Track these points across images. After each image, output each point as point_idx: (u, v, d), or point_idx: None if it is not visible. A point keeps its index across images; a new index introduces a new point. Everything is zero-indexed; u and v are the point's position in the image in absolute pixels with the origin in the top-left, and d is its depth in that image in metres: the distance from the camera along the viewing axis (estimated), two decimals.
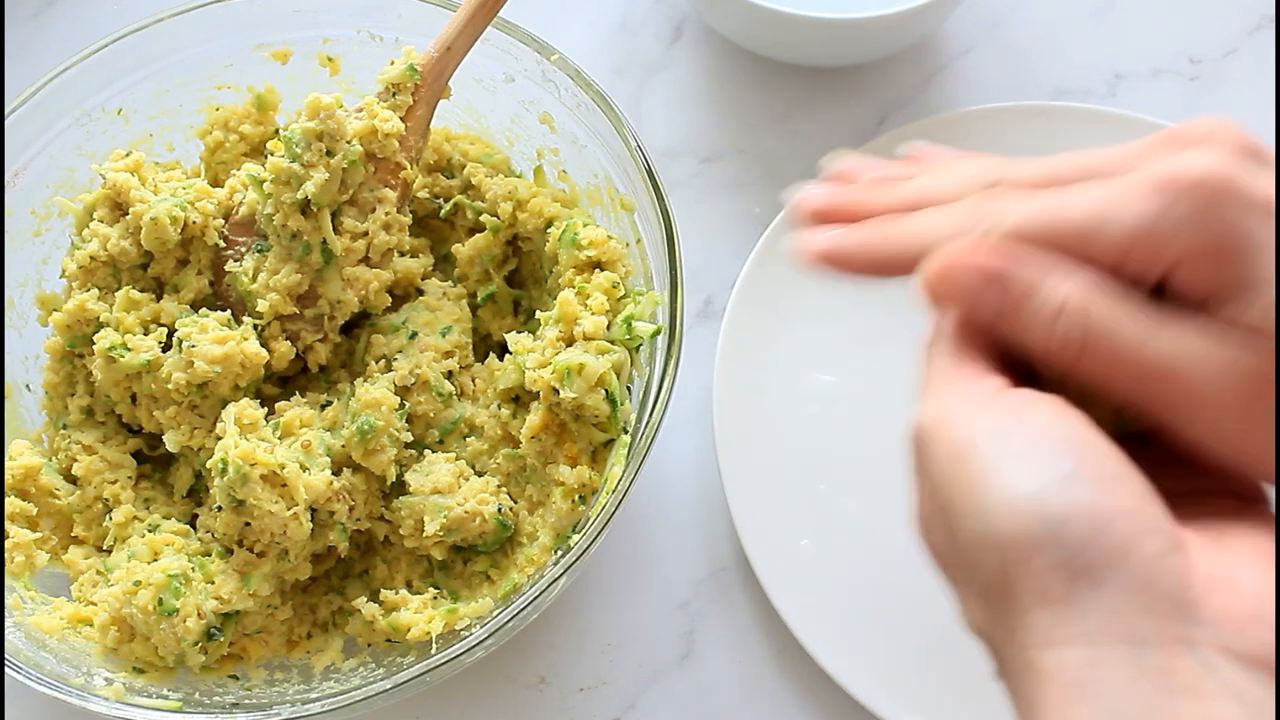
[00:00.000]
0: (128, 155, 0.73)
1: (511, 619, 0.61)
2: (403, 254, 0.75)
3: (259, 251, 0.70)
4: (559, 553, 0.66)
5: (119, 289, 0.71)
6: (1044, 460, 0.37)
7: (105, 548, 0.70)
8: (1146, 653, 0.34)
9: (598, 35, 0.93)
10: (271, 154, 0.70)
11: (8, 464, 0.70)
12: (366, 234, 0.70)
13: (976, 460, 0.37)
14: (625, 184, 0.72)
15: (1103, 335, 0.39)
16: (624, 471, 0.64)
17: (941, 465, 0.38)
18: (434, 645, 0.65)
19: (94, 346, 0.69)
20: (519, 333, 0.71)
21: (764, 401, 0.78)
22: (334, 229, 0.69)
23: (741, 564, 0.76)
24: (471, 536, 0.68)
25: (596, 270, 0.70)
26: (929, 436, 0.39)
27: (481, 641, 0.61)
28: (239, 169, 0.74)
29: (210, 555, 0.67)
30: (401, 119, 0.69)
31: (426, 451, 0.70)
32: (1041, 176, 0.43)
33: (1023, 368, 0.43)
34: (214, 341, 0.68)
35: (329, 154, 0.67)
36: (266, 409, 0.69)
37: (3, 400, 0.74)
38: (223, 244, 0.71)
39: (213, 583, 0.65)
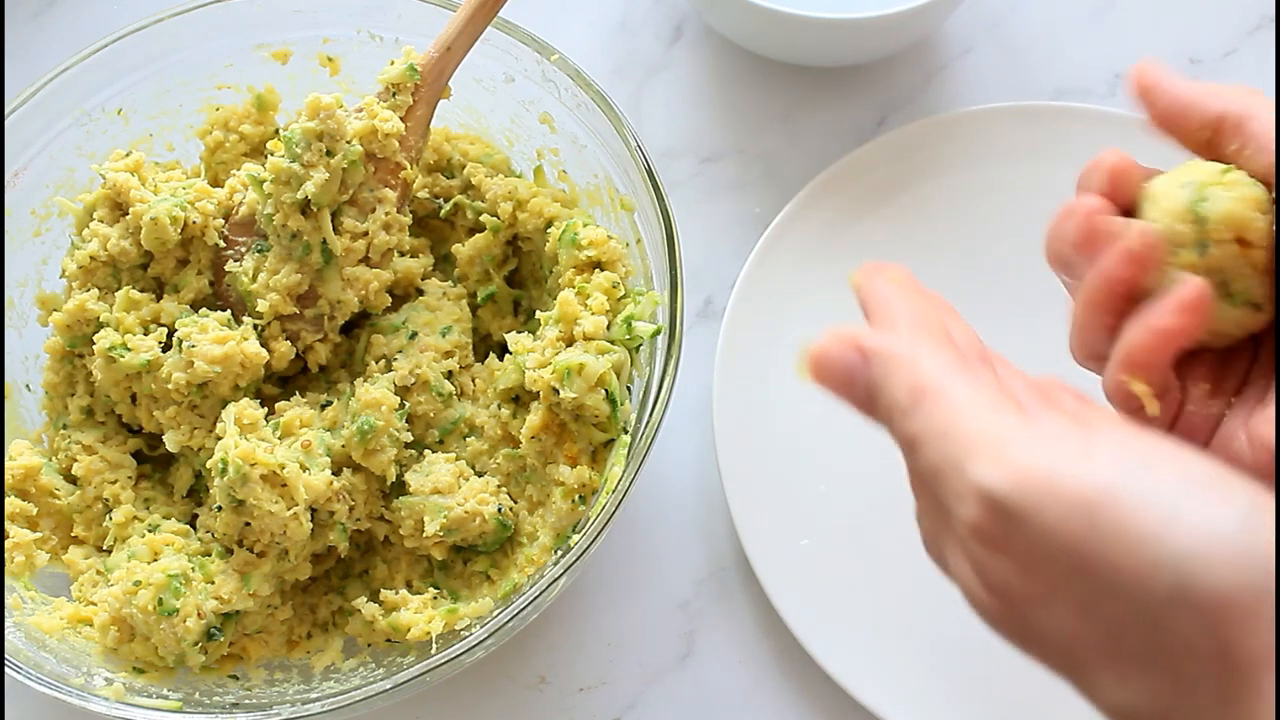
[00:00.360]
0: (128, 155, 0.73)
1: (511, 619, 0.61)
2: (403, 254, 0.75)
3: (259, 251, 0.70)
4: (559, 553, 0.66)
5: (119, 289, 0.71)
6: (1224, 496, 0.31)
7: (105, 548, 0.70)
8: None
9: (598, 35, 0.93)
10: (271, 154, 0.70)
11: (8, 464, 0.70)
12: (366, 234, 0.70)
13: (1131, 509, 0.31)
14: (625, 184, 0.72)
15: None
16: (624, 471, 0.64)
17: (1062, 526, 0.32)
18: (434, 645, 0.65)
19: (94, 346, 0.69)
20: (519, 333, 0.71)
21: (764, 401, 0.78)
22: (334, 229, 0.69)
23: (741, 564, 0.76)
24: (471, 536, 0.68)
25: (596, 270, 0.70)
26: (1027, 498, 0.32)
27: (481, 641, 0.61)
28: (239, 169, 0.74)
29: (210, 555, 0.67)
30: (401, 119, 0.69)
31: (426, 451, 0.70)
32: None
33: None
34: (214, 341, 0.68)
35: (329, 154, 0.67)
36: (266, 409, 0.69)
37: (3, 400, 0.74)
38: (223, 244, 0.71)
39: (213, 583, 0.65)
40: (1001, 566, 0.34)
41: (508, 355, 0.71)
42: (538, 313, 0.72)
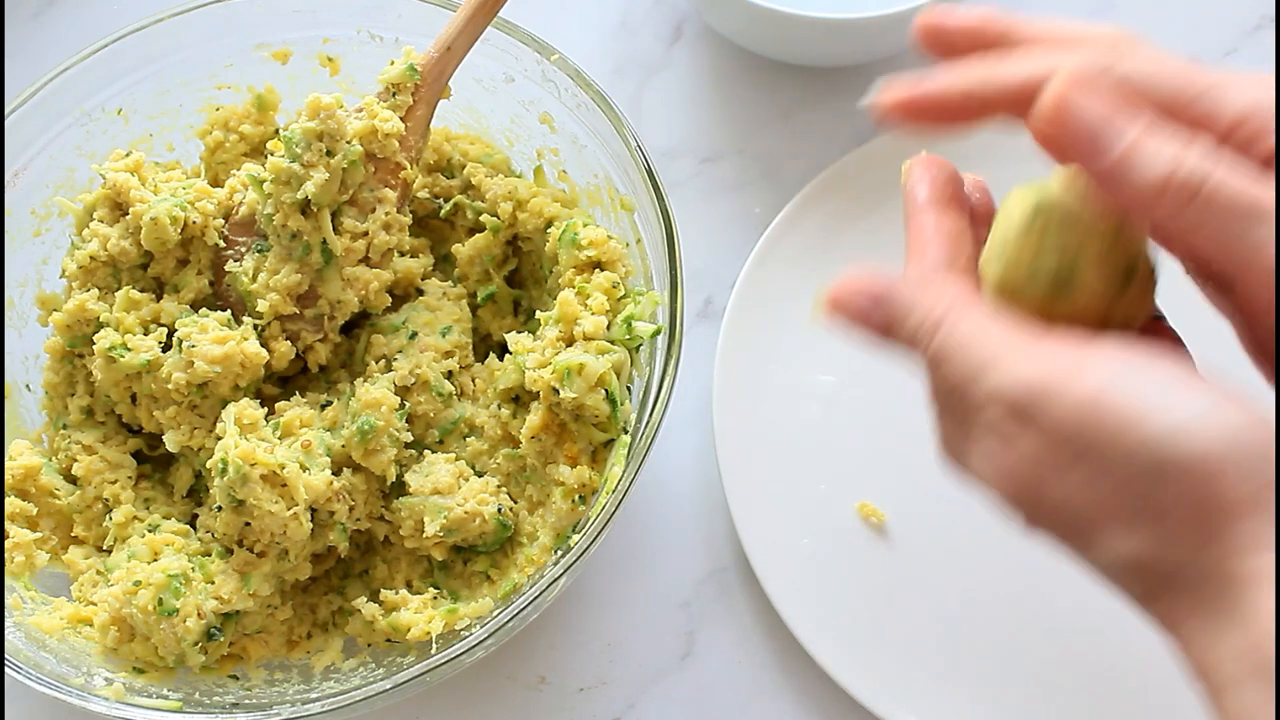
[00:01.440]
0: (128, 155, 0.73)
1: (511, 619, 0.61)
2: (403, 254, 0.75)
3: (259, 251, 0.70)
4: (559, 553, 0.66)
5: (119, 289, 0.71)
6: (1195, 390, 0.40)
7: (105, 548, 0.70)
8: None
9: (598, 35, 0.93)
10: (271, 154, 0.70)
11: (8, 464, 0.70)
12: (366, 234, 0.70)
13: (1125, 401, 0.40)
14: (625, 184, 0.72)
15: (1219, 194, 0.40)
16: (624, 471, 0.64)
17: (1072, 417, 0.40)
18: (434, 645, 0.65)
19: (94, 346, 0.69)
20: (519, 333, 0.71)
21: (764, 401, 0.78)
22: (334, 229, 0.69)
23: (741, 564, 0.76)
24: (471, 537, 0.68)
25: (596, 270, 0.70)
26: (1040, 398, 0.41)
27: (481, 641, 0.61)
28: (239, 169, 0.74)
29: (210, 555, 0.67)
30: (401, 119, 0.69)
31: (426, 452, 0.70)
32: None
33: None
34: (214, 341, 0.68)
35: (329, 154, 0.67)
36: (266, 409, 0.69)
37: (3, 400, 0.74)
38: (223, 244, 0.71)
39: (213, 583, 0.65)
40: (1016, 454, 0.42)
41: (508, 355, 0.71)
42: (538, 313, 0.72)
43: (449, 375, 0.71)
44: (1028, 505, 0.43)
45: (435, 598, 0.69)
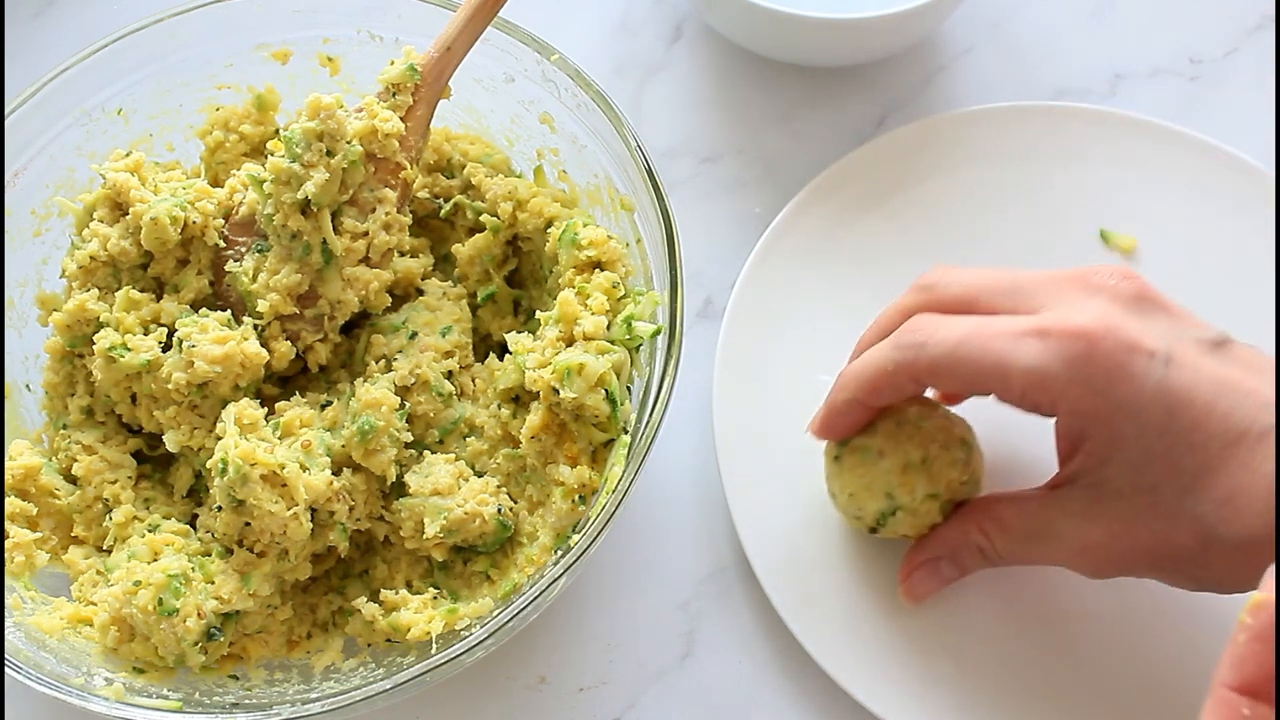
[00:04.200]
0: (128, 155, 0.73)
1: (511, 619, 0.61)
2: (403, 254, 0.75)
3: (259, 251, 0.70)
4: (559, 553, 0.66)
5: (119, 289, 0.71)
6: None
7: (105, 548, 0.70)
8: None
9: (598, 35, 0.93)
10: (271, 154, 0.70)
11: (8, 464, 0.70)
12: (366, 234, 0.70)
13: None
14: (625, 184, 0.72)
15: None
16: (624, 471, 0.64)
17: None
18: (434, 645, 0.65)
19: (94, 346, 0.69)
20: (519, 333, 0.71)
21: (764, 401, 0.78)
22: (334, 229, 0.69)
23: (741, 564, 0.76)
24: (471, 537, 0.68)
25: (596, 270, 0.70)
26: None
27: (481, 641, 0.61)
28: (239, 169, 0.74)
29: (210, 555, 0.67)
30: (401, 119, 0.69)
31: (426, 452, 0.70)
32: (961, 298, 0.64)
33: None
34: (214, 341, 0.68)
35: (329, 154, 0.67)
36: (266, 409, 0.69)
37: (3, 400, 0.74)
38: (223, 244, 0.71)
39: (213, 583, 0.65)
40: None
41: (508, 355, 0.71)
42: (538, 313, 0.72)
43: (449, 375, 0.71)
44: None
45: (435, 598, 0.69)
